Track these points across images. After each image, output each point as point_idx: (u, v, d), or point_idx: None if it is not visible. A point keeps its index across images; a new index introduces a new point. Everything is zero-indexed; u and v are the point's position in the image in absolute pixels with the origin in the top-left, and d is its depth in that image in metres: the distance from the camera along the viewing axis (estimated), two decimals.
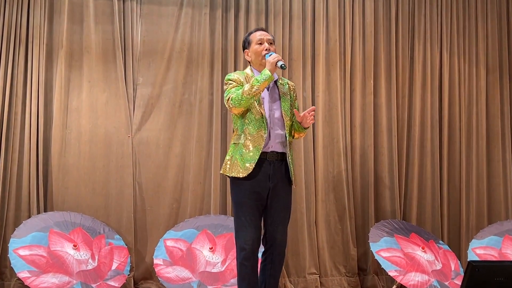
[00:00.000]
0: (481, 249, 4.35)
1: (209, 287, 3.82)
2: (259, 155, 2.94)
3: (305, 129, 3.10)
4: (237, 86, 3.02)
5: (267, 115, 3.01)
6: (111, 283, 3.76)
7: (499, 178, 4.94)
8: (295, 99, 3.21)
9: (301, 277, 4.43)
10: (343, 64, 4.71)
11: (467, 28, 5.01)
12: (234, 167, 2.98)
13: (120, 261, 3.92)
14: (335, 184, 4.59)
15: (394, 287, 4.15)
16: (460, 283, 3.71)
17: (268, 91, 3.07)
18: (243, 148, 2.97)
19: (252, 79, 2.95)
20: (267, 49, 3.05)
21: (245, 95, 2.90)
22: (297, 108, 3.19)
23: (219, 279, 3.89)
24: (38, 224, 3.88)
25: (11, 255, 3.64)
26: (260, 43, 3.09)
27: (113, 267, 3.87)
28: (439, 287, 3.98)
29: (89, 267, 3.77)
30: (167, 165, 4.36)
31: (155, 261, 3.92)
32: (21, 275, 3.54)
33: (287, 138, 3.05)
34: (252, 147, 2.96)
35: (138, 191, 4.30)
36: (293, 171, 3.06)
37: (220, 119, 4.42)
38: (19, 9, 4.16)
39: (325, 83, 4.64)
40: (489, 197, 4.93)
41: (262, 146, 2.95)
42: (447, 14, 4.96)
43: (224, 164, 3.07)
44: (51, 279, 3.59)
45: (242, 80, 3.05)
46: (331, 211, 4.58)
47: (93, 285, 3.68)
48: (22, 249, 3.68)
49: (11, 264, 3.64)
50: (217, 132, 4.41)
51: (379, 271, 4.53)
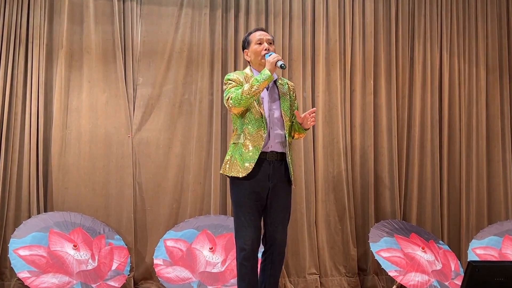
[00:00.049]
0: (481, 249, 4.35)
1: (209, 287, 3.82)
2: (258, 154, 2.94)
3: (305, 130, 3.10)
4: (236, 86, 3.02)
5: (267, 115, 3.01)
6: (111, 283, 3.76)
7: (499, 178, 4.94)
8: (295, 99, 3.20)
9: (301, 277, 4.43)
10: (343, 64, 4.71)
11: (467, 28, 5.01)
12: (233, 167, 2.98)
13: (120, 261, 3.92)
14: (335, 184, 4.59)
15: (394, 287, 4.14)
16: (460, 283, 3.71)
17: (267, 91, 3.07)
18: (242, 147, 2.97)
19: (251, 79, 2.95)
20: (266, 49, 3.05)
21: (245, 95, 2.89)
22: (296, 108, 3.19)
23: (219, 279, 3.89)
24: (38, 224, 3.88)
25: (11, 255, 3.64)
26: (259, 43, 3.08)
27: (113, 267, 3.87)
28: (439, 287, 3.98)
29: (89, 267, 3.77)
30: (167, 165, 4.36)
31: (155, 261, 3.92)
32: (21, 275, 3.54)
33: (287, 138, 3.04)
34: (251, 146, 2.96)
35: (138, 191, 4.30)
36: (292, 171, 3.06)
37: (220, 119, 4.42)
38: (19, 9, 4.16)
39: (325, 83, 4.64)
40: (489, 197, 4.92)
41: (261, 146, 2.95)
42: (447, 14, 4.96)
43: (223, 164, 3.06)
44: (51, 279, 3.59)
45: (241, 80, 3.05)
46: (331, 211, 4.58)
47: (93, 285, 3.68)
48: (22, 249, 3.68)
49: (11, 264, 3.64)
50: (217, 132, 4.41)
51: (379, 271, 4.53)
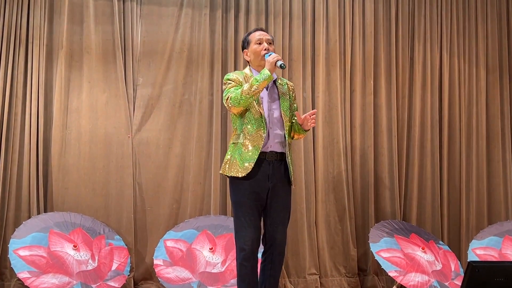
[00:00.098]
0: (481, 249, 4.35)
1: None
2: (258, 154, 2.94)
3: (305, 131, 3.09)
4: (236, 85, 3.02)
5: (266, 114, 3.01)
6: (111, 283, 3.76)
7: (499, 178, 4.93)
8: (294, 99, 3.20)
9: (301, 278, 4.43)
10: (343, 64, 4.71)
11: (467, 28, 5.01)
12: (233, 167, 2.97)
13: (120, 261, 3.92)
14: (335, 184, 4.59)
15: (394, 287, 4.14)
16: (460, 284, 3.71)
17: (267, 91, 3.07)
18: (242, 147, 2.97)
19: (251, 79, 2.95)
20: (266, 49, 3.05)
21: (244, 95, 2.89)
22: (296, 108, 3.19)
23: (219, 279, 3.89)
24: (38, 224, 3.88)
25: (11, 255, 3.64)
26: (259, 43, 3.08)
27: (113, 268, 3.87)
28: (439, 287, 3.99)
29: (89, 268, 3.77)
30: (167, 165, 4.36)
31: (155, 262, 3.92)
32: (21, 276, 3.54)
33: (286, 138, 3.04)
34: (251, 146, 2.95)
35: (138, 192, 4.30)
36: (292, 171, 3.06)
37: (220, 120, 4.42)
38: (19, 9, 4.16)
39: (325, 84, 4.64)
40: (489, 197, 4.92)
41: (261, 145, 2.95)
42: (447, 14, 4.96)
43: (223, 164, 3.06)
44: (51, 280, 3.59)
45: (241, 80, 3.05)
46: (331, 211, 4.57)
47: (93, 286, 3.68)
48: (22, 250, 3.68)
49: (11, 264, 3.64)
50: (217, 132, 4.41)
51: (379, 271, 4.53)
